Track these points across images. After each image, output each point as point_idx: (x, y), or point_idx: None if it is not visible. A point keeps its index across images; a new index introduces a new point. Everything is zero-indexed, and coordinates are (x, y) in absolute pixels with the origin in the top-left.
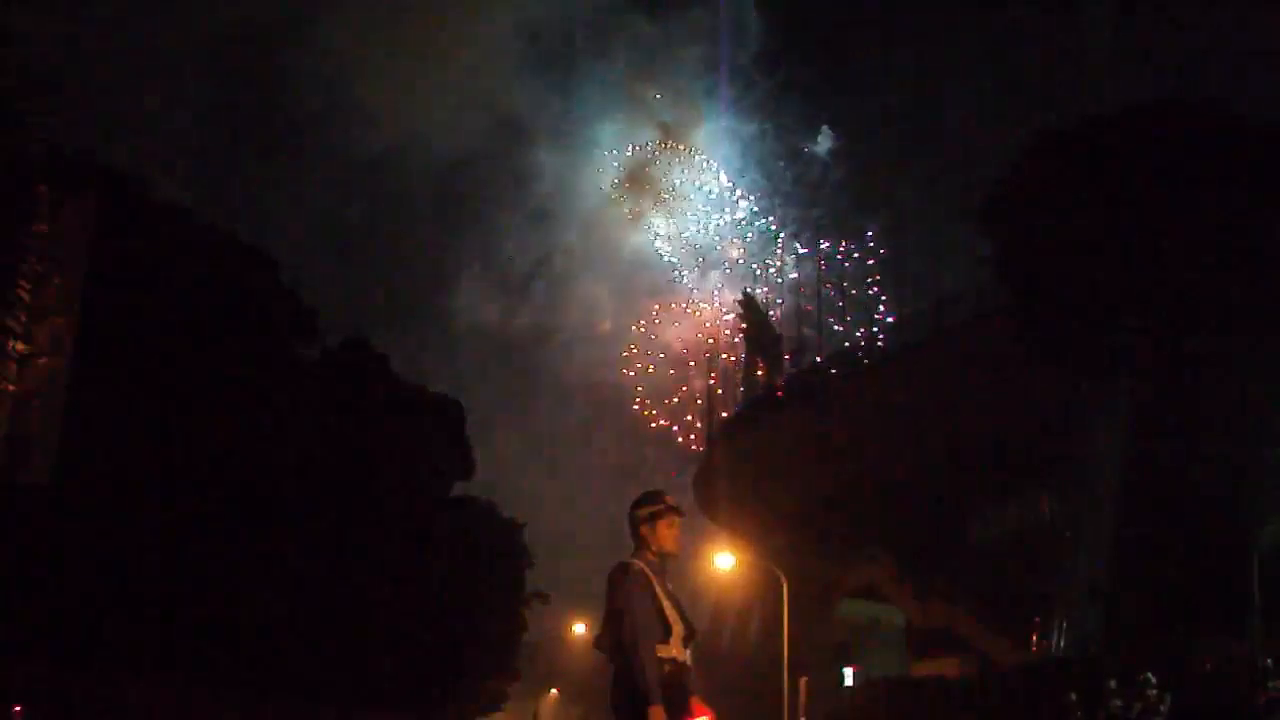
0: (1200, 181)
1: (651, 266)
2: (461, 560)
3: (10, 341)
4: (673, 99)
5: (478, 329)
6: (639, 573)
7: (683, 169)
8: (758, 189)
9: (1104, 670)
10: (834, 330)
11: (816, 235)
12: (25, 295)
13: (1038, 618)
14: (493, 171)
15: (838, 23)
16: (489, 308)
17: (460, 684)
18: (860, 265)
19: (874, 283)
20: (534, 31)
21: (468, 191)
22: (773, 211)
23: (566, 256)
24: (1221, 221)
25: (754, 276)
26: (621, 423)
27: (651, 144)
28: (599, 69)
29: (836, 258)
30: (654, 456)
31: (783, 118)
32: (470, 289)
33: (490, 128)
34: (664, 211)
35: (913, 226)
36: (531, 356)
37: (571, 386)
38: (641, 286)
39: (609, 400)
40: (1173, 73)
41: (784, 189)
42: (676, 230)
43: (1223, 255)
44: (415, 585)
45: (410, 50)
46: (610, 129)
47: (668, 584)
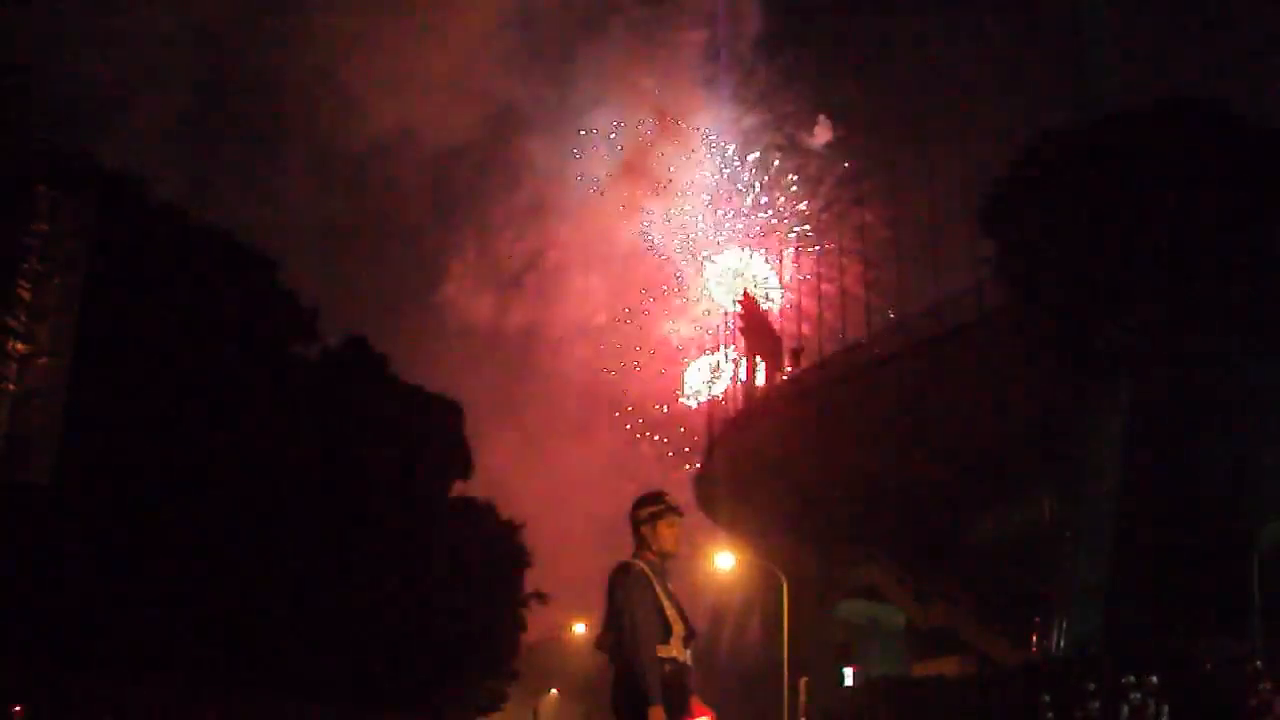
0: (1200, 181)
1: (647, 260)
2: (461, 560)
3: (10, 341)
4: (670, 87)
5: (471, 324)
6: (639, 573)
7: (681, 158)
8: (756, 181)
9: (1081, 672)
10: (834, 329)
11: (817, 232)
12: (25, 295)
13: (1038, 618)
14: (485, 163)
15: (836, 15)
16: (482, 302)
17: (460, 684)
18: (860, 262)
19: (874, 281)
20: (526, 18)
21: (459, 184)
22: (771, 205)
23: (561, 249)
24: (1221, 221)
25: (752, 273)
26: (618, 418)
27: (650, 131)
28: (594, 56)
29: (838, 255)
30: (651, 452)
31: (782, 108)
32: (463, 283)
33: (483, 118)
34: (661, 203)
35: (913, 225)
36: (526, 351)
37: (566, 382)
38: (637, 280)
39: (605, 395)
40: (1173, 73)
41: (783, 182)
42: (673, 222)
43: (1223, 255)
44: (415, 585)
45: (399, 39)
46: (606, 117)
47: (668, 584)
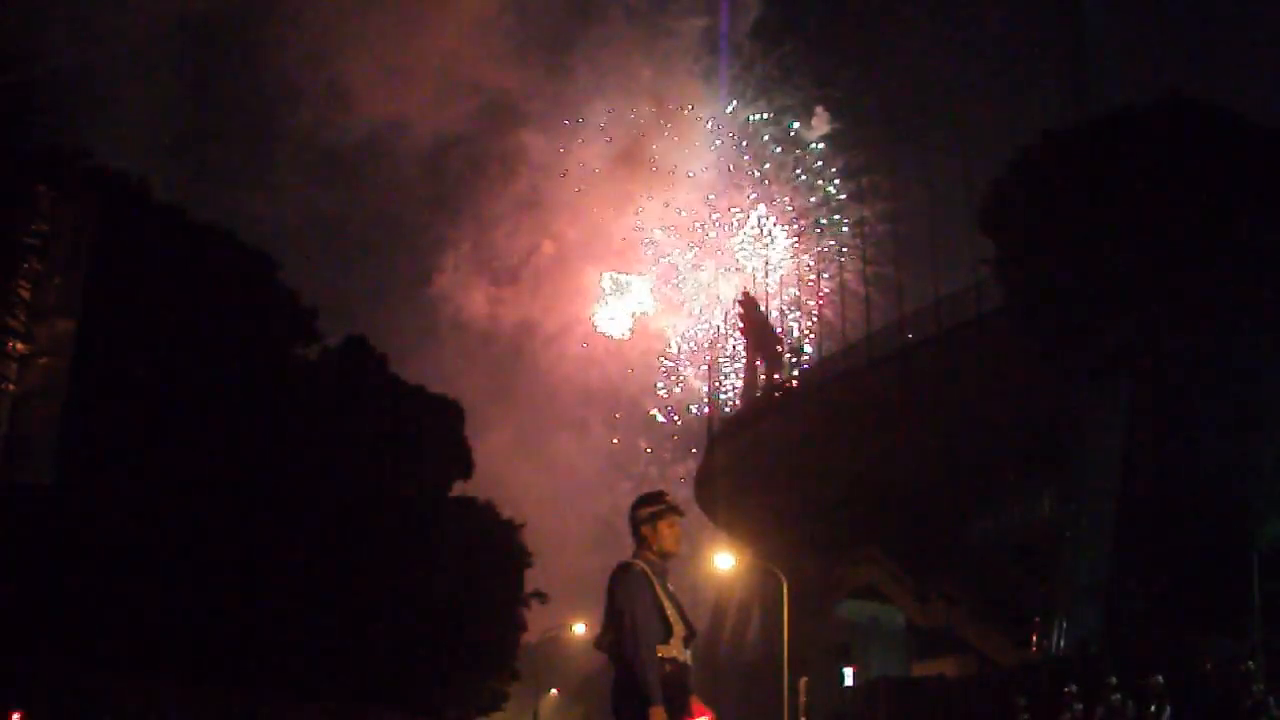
0: (1200, 181)
1: (644, 253)
2: (461, 560)
3: (10, 341)
4: (669, 78)
5: (465, 318)
6: (640, 573)
7: (679, 150)
8: (755, 174)
9: (1064, 675)
10: (834, 326)
11: (816, 227)
12: (25, 295)
13: (1038, 618)
14: (479, 155)
15: (836, 12)
16: (476, 296)
17: (460, 684)
18: (859, 258)
19: (874, 276)
20: (521, 5)
21: (452, 177)
22: (770, 199)
23: (557, 242)
24: (1221, 221)
25: (750, 269)
26: (615, 414)
27: (647, 123)
28: (591, 45)
29: (838, 253)
30: (648, 448)
31: (781, 100)
32: (457, 277)
33: (477, 109)
34: (659, 195)
35: (912, 221)
36: (520, 347)
37: (563, 378)
38: (634, 274)
39: (602, 391)
40: (1173, 73)
41: (783, 176)
42: (671, 215)
43: (1223, 255)
44: (415, 586)
45: (390, 29)
46: (603, 108)
47: (668, 584)
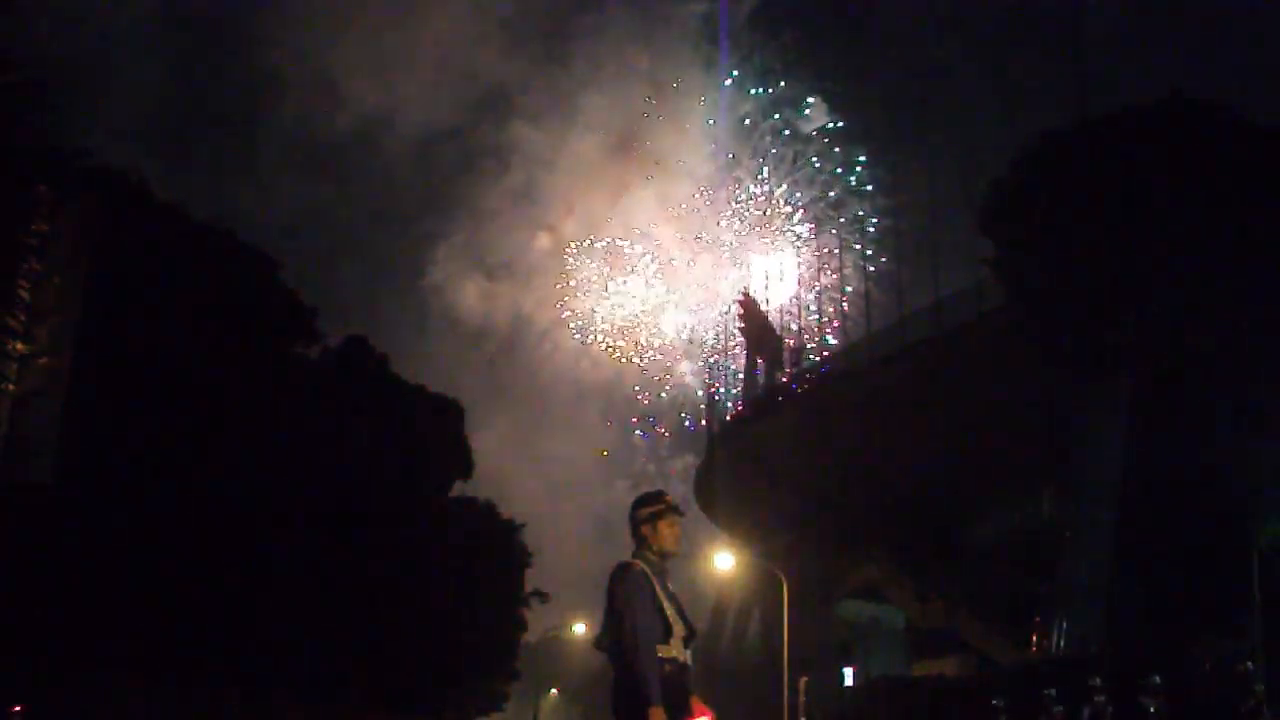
0: (1200, 181)
1: (641, 246)
2: (461, 560)
3: (10, 341)
4: (667, 69)
5: (458, 313)
6: (640, 573)
7: (677, 142)
8: (754, 168)
9: (1040, 679)
10: (833, 324)
11: (815, 222)
12: (25, 295)
13: (1038, 618)
14: (473, 148)
15: (836, 9)
16: (470, 291)
17: (460, 684)
18: (860, 255)
19: (874, 272)
20: None
21: (445, 169)
22: (769, 193)
23: (553, 236)
24: (1221, 221)
25: (746, 264)
26: (611, 410)
27: (645, 114)
28: (588, 34)
29: (838, 244)
30: (645, 445)
31: (781, 91)
32: (450, 271)
33: (470, 101)
34: (654, 188)
35: (912, 217)
36: (515, 342)
37: (558, 373)
38: (633, 268)
39: (597, 386)
40: (1173, 73)
41: (781, 170)
42: (669, 208)
43: (1223, 255)
44: (415, 586)
45: (381, 18)
46: (598, 99)
47: (668, 584)
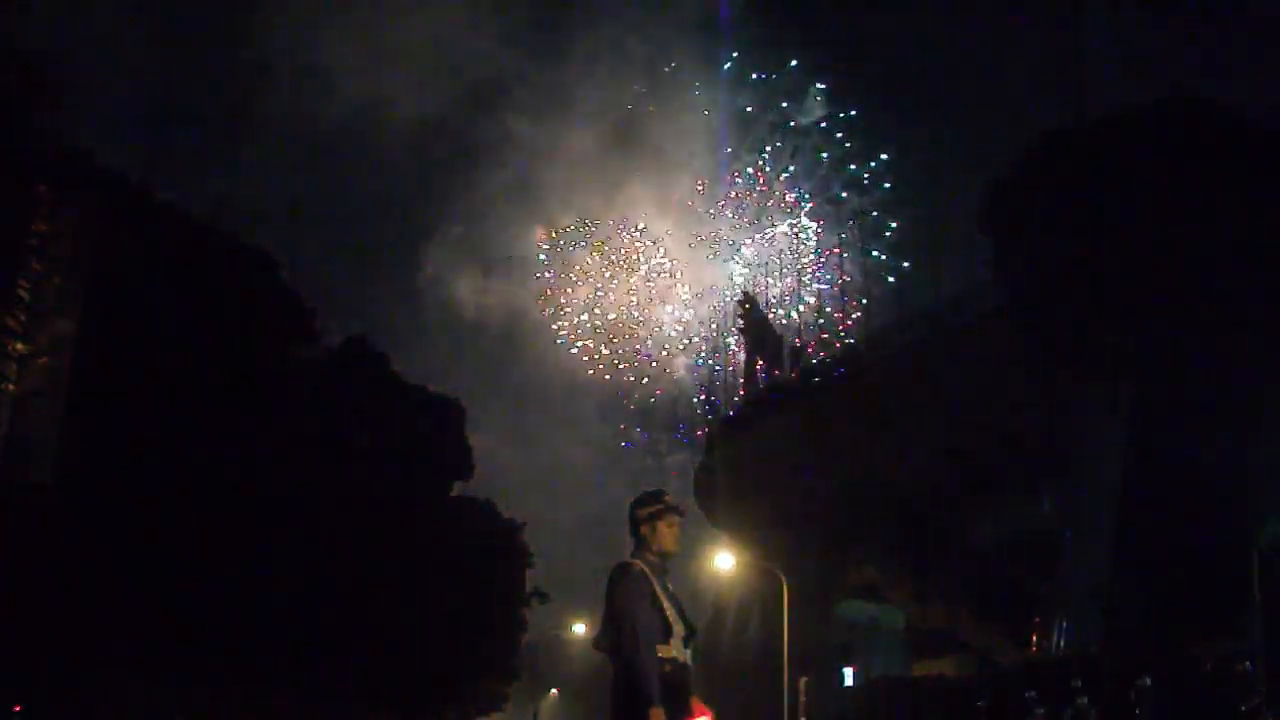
0: (1200, 181)
1: (638, 239)
2: (461, 560)
3: (10, 341)
4: (666, 59)
5: (452, 308)
6: (639, 573)
7: (675, 134)
8: (753, 160)
9: (1016, 683)
10: (833, 321)
11: (814, 216)
12: (25, 295)
13: (1038, 618)
14: (466, 140)
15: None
16: (464, 286)
17: (460, 684)
18: (859, 249)
19: (873, 270)
20: None
21: (437, 162)
22: (769, 185)
23: (549, 229)
24: (1221, 221)
25: (744, 258)
26: (607, 405)
27: (642, 104)
28: (584, 23)
29: (837, 239)
30: (643, 440)
31: (781, 84)
32: (444, 266)
33: (463, 91)
34: (651, 181)
35: (911, 213)
36: (510, 338)
37: (554, 368)
38: (629, 262)
39: (594, 382)
40: (1173, 73)
41: (782, 161)
42: (664, 201)
43: (1222, 255)
44: (415, 586)
45: (370, 5)
46: (595, 91)
47: (668, 584)
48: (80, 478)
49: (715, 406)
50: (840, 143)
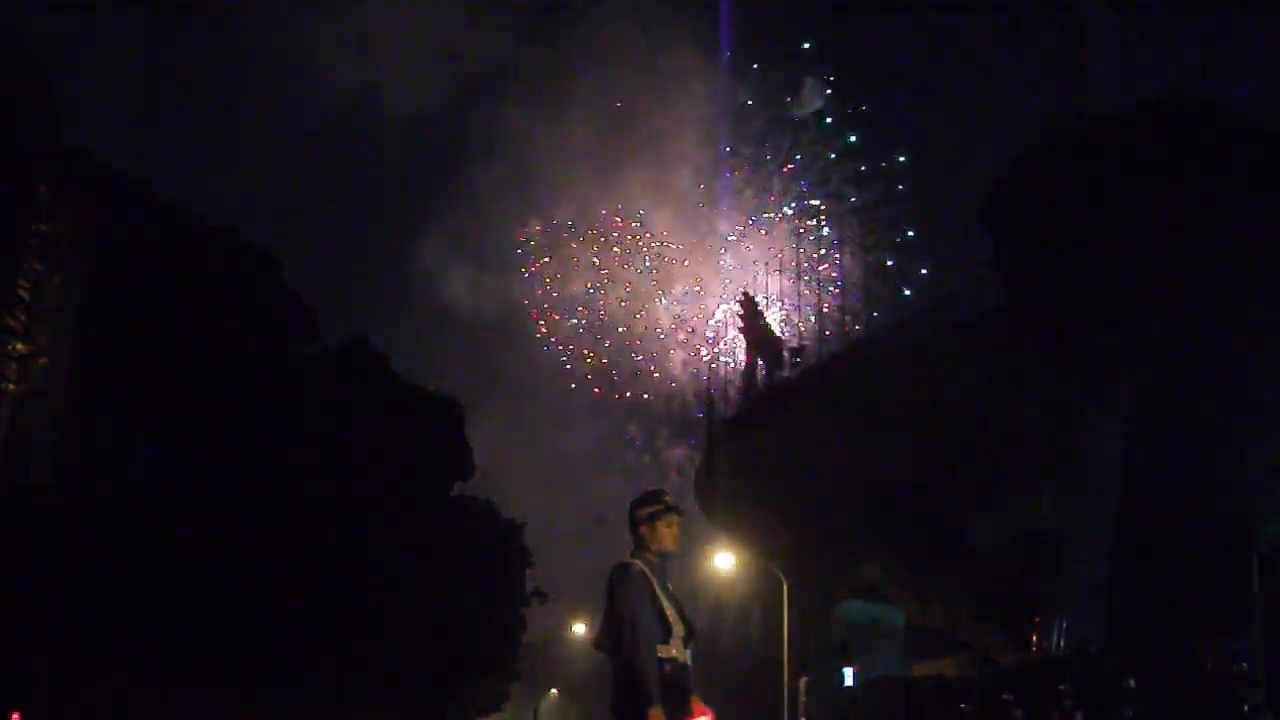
0: (1201, 181)
1: (636, 234)
2: (461, 560)
3: (10, 341)
4: (664, 49)
5: (446, 303)
6: (639, 573)
7: (673, 126)
8: (751, 153)
9: (996, 684)
10: (832, 319)
11: (816, 216)
12: (25, 295)
13: (1038, 618)
14: (459, 132)
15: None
16: (457, 280)
17: (460, 684)
18: (859, 243)
19: (873, 264)
20: None
21: (428, 154)
22: (767, 182)
23: (543, 222)
24: (1221, 221)
25: (748, 254)
26: (603, 400)
27: (640, 95)
28: (580, 11)
29: (836, 234)
30: (639, 435)
31: (781, 77)
32: (436, 260)
33: (456, 81)
34: (649, 173)
35: (910, 208)
36: (505, 331)
37: (550, 363)
38: (625, 256)
39: (590, 376)
40: (1173, 73)
41: (781, 155)
42: (661, 193)
43: (1223, 255)
44: (414, 586)
45: None
46: (592, 81)
47: (668, 584)
48: (80, 478)
49: (713, 405)
50: (840, 139)
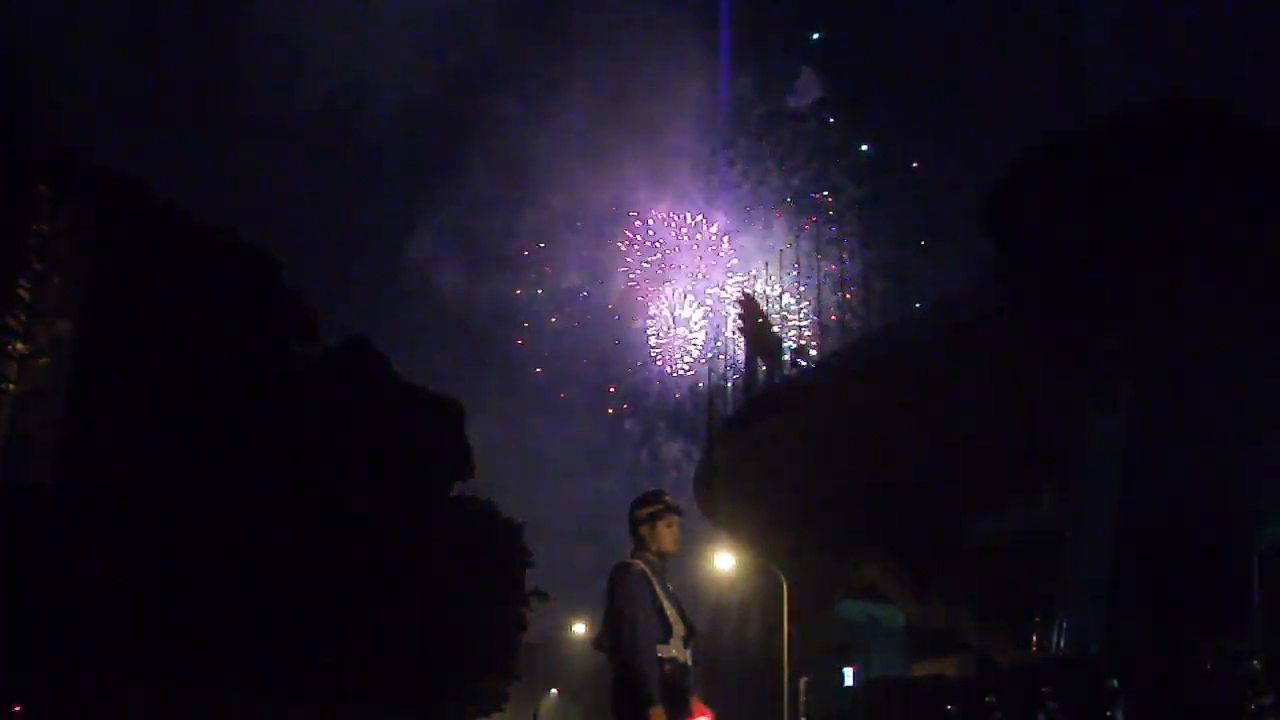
0: (1200, 182)
1: (633, 227)
2: (461, 560)
3: (10, 341)
4: (660, 38)
5: (439, 296)
6: (639, 573)
7: (669, 117)
8: (749, 146)
9: (980, 686)
10: (831, 319)
11: (812, 207)
12: (25, 295)
13: (1038, 618)
14: (453, 121)
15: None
16: (451, 275)
17: (460, 684)
18: (858, 239)
19: (872, 260)
20: None
21: (423, 146)
22: (765, 176)
23: (538, 215)
24: (1222, 222)
25: (747, 250)
26: (601, 395)
27: (636, 85)
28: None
29: (836, 228)
30: (636, 430)
31: (780, 68)
32: (430, 253)
33: (449, 71)
34: (647, 167)
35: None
36: (500, 324)
37: (546, 357)
38: (622, 250)
39: (587, 372)
40: (1173, 73)
41: (780, 149)
42: (659, 186)
43: (1223, 255)
44: (414, 586)
45: None
46: (588, 70)
47: (668, 584)
48: (80, 478)
49: (713, 404)
50: (840, 136)
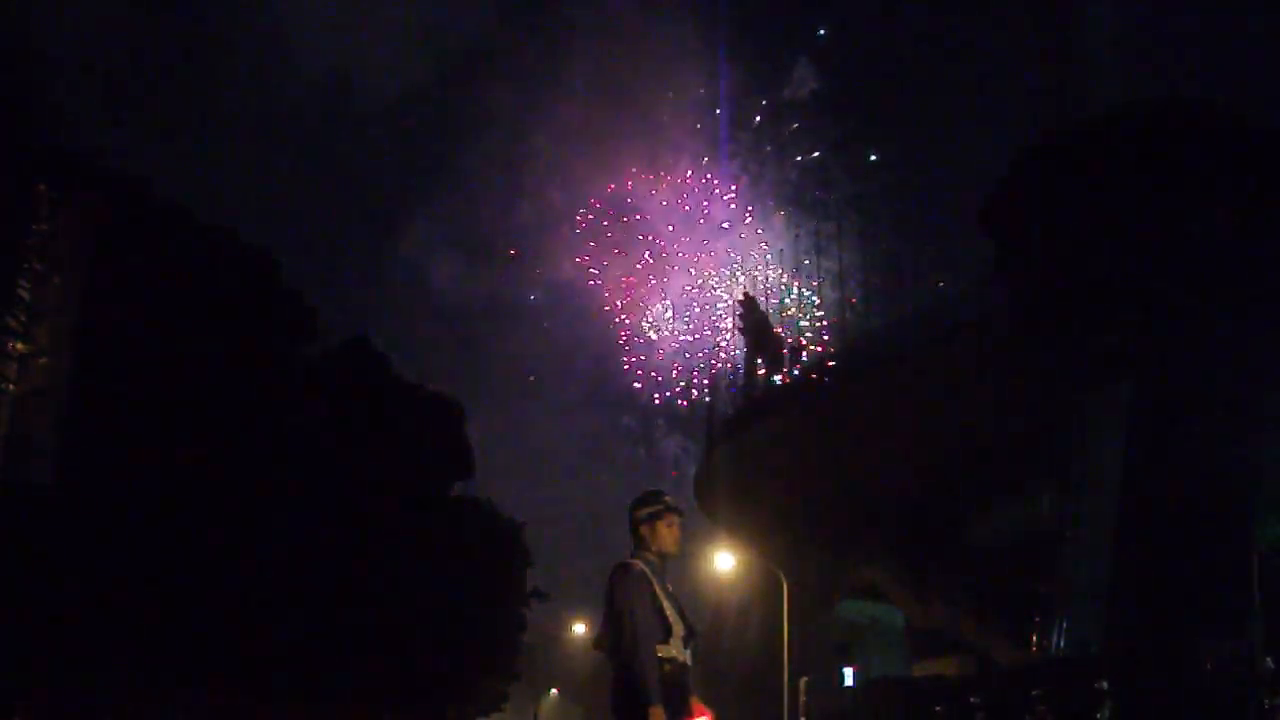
0: (1200, 181)
1: (630, 223)
2: (461, 560)
3: (10, 341)
4: (658, 28)
5: (433, 291)
6: (639, 573)
7: (667, 109)
8: (748, 140)
9: (969, 688)
10: (831, 317)
11: (811, 204)
12: (25, 295)
13: (1038, 618)
14: (446, 112)
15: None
16: (447, 271)
17: (460, 684)
18: (858, 235)
19: (872, 258)
20: None
21: (417, 136)
22: (762, 176)
23: (533, 209)
24: (1221, 220)
25: (745, 244)
26: (601, 394)
27: (633, 76)
28: None
29: (836, 226)
30: (635, 428)
31: (780, 64)
32: (424, 248)
33: (442, 61)
34: (644, 159)
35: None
36: (496, 320)
37: (544, 354)
38: (619, 245)
39: (585, 369)
40: (1173, 73)
41: (779, 144)
42: (658, 183)
43: (1223, 255)
44: (414, 585)
45: None
46: (584, 59)
47: (667, 584)
48: (80, 478)
49: (713, 404)
50: (840, 134)
